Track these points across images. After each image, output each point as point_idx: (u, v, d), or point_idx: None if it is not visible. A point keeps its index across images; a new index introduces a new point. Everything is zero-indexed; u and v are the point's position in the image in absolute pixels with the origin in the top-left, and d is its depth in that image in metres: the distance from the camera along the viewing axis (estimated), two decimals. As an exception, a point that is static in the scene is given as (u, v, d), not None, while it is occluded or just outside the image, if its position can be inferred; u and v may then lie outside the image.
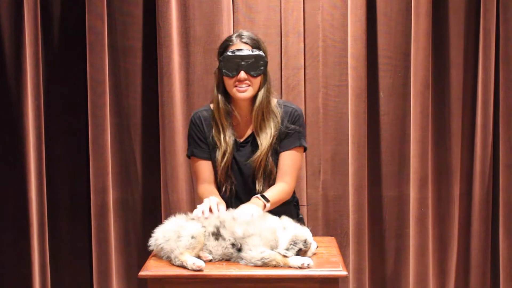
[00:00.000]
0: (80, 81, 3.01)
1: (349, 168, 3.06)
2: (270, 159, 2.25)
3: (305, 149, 2.34)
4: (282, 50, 3.02)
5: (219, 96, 2.24)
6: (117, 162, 3.08)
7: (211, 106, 2.31)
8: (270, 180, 2.28)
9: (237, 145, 2.28)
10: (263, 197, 2.15)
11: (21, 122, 2.90)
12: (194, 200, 3.08)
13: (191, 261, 1.84)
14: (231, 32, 3.00)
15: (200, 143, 2.28)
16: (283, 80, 3.03)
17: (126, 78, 3.06)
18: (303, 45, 3.04)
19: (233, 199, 2.28)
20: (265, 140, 2.23)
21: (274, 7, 3.03)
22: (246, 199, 2.18)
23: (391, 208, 3.16)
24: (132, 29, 3.04)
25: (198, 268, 1.83)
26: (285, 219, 2.00)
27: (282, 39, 3.02)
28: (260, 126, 2.25)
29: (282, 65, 3.02)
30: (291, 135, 2.26)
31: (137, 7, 3.04)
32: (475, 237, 3.13)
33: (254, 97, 2.24)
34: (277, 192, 2.23)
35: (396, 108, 3.10)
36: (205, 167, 2.28)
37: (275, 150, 2.27)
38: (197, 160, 2.29)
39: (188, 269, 1.84)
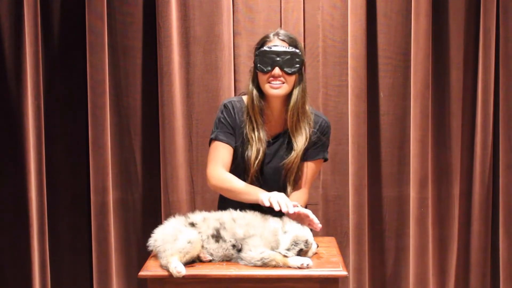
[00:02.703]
0: (80, 81, 3.01)
1: (349, 168, 3.06)
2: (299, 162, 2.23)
3: (325, 161, 2.35)
4: (282, 50, 3.02)
5: (254, 91, 2.20)
6: (117, 162, 3.08)
7: (243, 98, 2.27)
8: (295, 185, 2.26)
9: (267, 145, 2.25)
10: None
11: (21, 122, 2.90)
12: (194, 201, 3.08)
13: (174, 265, 1.84)
14: (231, 32, 3.01)
15: (229, 129, 2.23)
16: (283, 80, 3.03)
17: (126, 78, 3.06)
18: (303, 45, 3.03)
19: None
20: (300, 142, 2.20)
21: (274, 7, 3.03)
22: None
23: (391, 208, 3.16)
24: (132, 29, 3.04)
25: (178, 274, 1.82)
26: (286, 220, 2.00)
27: (282, 39, 3.03)
28: (295, 127, 2.21)
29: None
30: (317, 145, 2.26)
31: (137, 7, 3.03)
32: (475, 237, 3.13)
33: (288, 96, 2.20)
34: (303, 200, 2.25)
35: (396, 108, 3.10)
36: (227, 152, 2.22)
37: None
38: (221, 143, 2.23)
39: (168, 271, 1.85)
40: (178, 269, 1.83)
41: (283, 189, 2.24)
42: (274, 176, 2.25)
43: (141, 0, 3.03)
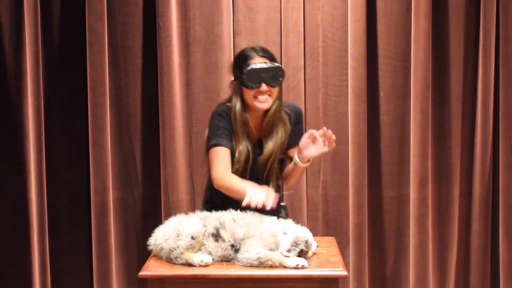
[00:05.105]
0: (80, 81, 3.01)
1: (349, 168, 3.06)
2: (275, 163, 2.31)
3: None
4: (282, 50, 3.03)
5: (238, 106, 2.29)
6: (117, 162, 3.08)
7: (229, 105, 2.35)
8: (277, 180, 2.36)
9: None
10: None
11: (21, 122, 2.90)
12: (194, 201, 3.08)
13: (197, 257, 1.88)
14: (231, 32, 3.01)
15: (229, 134, 2.30)
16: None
17: (126, 78, 3.06)
18: (303, 45, 3.04)
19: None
20: (270, 145, 2.30)
21: (274, 7, 3.03)
22: None
23: (391, 208, 3.16)
24: (132, 29, 3.04)
25: (205, 264, 1.87)
26: (284, 221, 2.01)
27: (282, 39, 3.03)
28: (269, 132, 2.32)
29: (282, 65, 3.01)
30: (296, 133, 2.34)
31: (137, 7, 3.04)
32: (475, 237, 3.13)
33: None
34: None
35: (396, 108, 3.10)
36: (229, 156, 2.28)
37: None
38: (224, 148, 2.28)
39: (194, 266, 1.88)
40: (205, 260, 1.89)
41: (267, 184, 2.31)
42: (259, 175, 2.33)
43: (141, 0, 3.03)
